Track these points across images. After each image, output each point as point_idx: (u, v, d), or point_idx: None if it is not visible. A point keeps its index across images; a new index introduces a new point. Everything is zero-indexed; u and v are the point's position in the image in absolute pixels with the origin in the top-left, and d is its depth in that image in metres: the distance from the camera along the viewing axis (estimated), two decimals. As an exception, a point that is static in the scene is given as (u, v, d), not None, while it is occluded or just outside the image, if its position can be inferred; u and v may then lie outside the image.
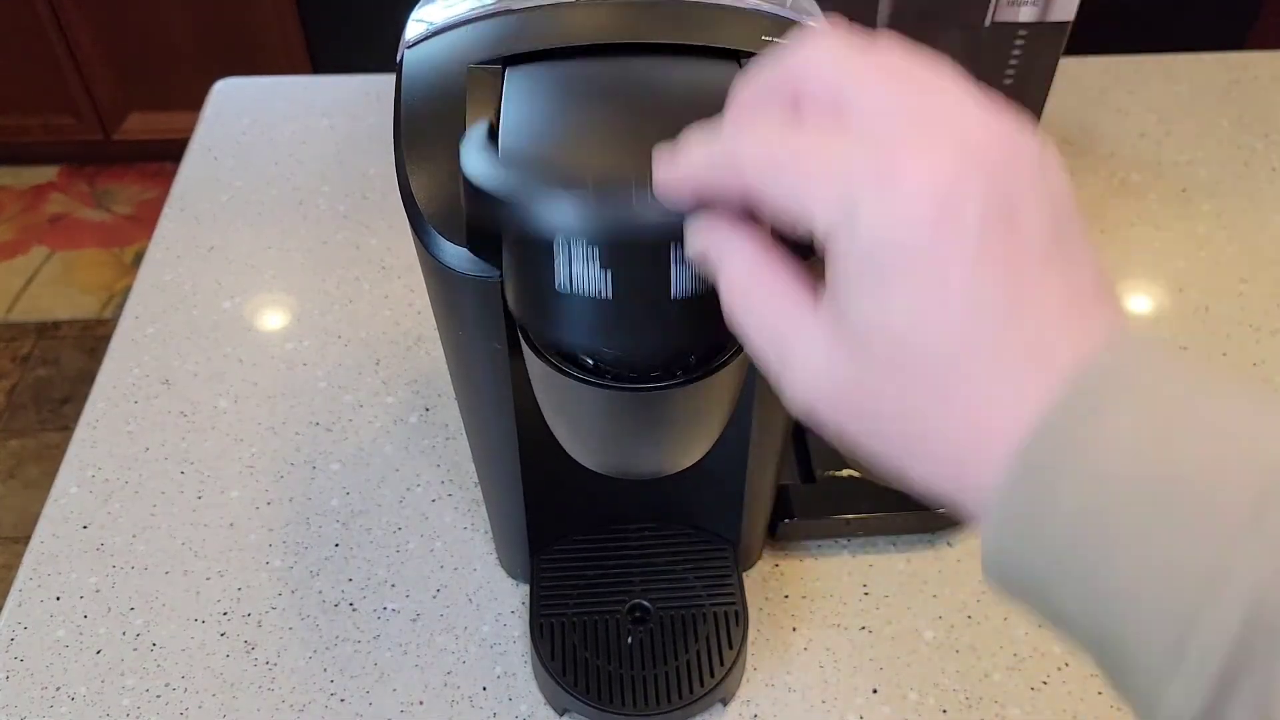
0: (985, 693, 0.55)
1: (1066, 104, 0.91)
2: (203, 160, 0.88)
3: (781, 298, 0.27)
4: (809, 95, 0.27)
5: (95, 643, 0.57)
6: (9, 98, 2.00)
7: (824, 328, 0.26)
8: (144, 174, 2.18)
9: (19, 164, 2.18)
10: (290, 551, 0.62)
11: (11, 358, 1.84)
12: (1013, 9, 0.66)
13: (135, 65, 1.95)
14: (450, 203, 0.38)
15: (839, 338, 0.26)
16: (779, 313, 0.27)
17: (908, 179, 0.24)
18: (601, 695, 0.52)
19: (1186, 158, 0.88)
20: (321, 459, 0.66)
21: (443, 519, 0.63)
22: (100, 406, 0.69)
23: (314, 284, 0.78)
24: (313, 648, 0.57)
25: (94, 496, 0.64)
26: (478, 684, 0.56)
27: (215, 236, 0.81)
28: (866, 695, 0.55)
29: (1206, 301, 0.75)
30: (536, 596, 0.56)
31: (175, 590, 0.60)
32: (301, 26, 1.87)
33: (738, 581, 0.57)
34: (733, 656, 0.54)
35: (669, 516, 0.59)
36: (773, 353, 0.28)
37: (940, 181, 0.24)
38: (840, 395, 0.26)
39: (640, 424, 0.41)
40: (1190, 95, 0.94)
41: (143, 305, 0.76)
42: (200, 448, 0.67)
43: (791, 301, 0.27)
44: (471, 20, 0.43)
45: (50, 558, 0.61)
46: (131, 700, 0.55)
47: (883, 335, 0.25)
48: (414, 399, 0.70)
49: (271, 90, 0.96)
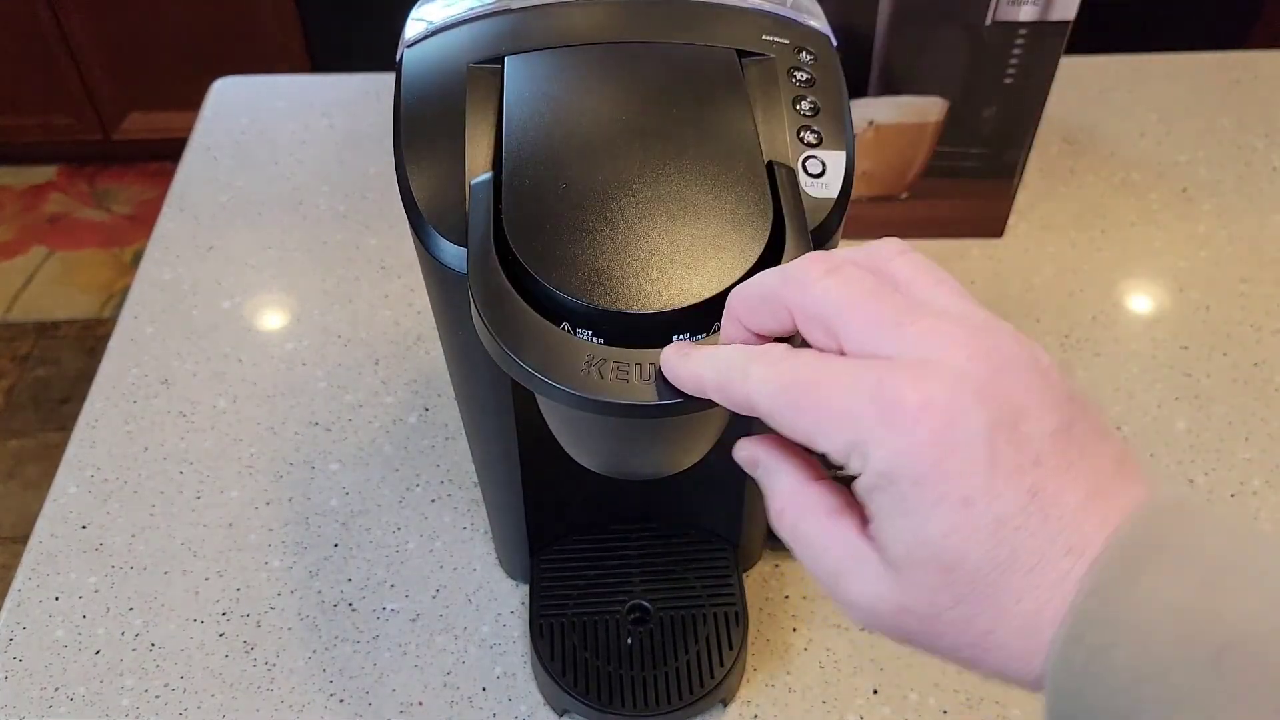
0: (986, 693, 0.55)
1: (1067, 103, 0.91)
2: (202, 160, 0.88)
3: (829, 531, 0.29)
4: (803, 314, 0.29)
5: (94, 643, 0.57)
6: (8, 97, 2.00)
7: (873, 555, 0.28)
8: (143, 173, 2.18)
9: (18, 164, 2.18)
10: (289, 552, 0.62)
11: (11, 358, 1.84)
12: (1013, 8, 0.66)
13: (134, 65, 1.95)
14: (450, 203, 0.38)
15: (886, 563, 0.27)
16: (828, 546, 0.29)
17: (904, 413, 0.25)
18: (601, 696, 0.52)
19: (1187, 157, 0.88)
20: (321, 459, 0.66)
21: (442, 519, 0.63)
22: (99, 406, 0.69)
23: (313, 284, 0.77)
24: (312, 648, 0.57)
25: (93, 496, 0.64)
26: (477, 684, 0.56)
27: (214, 236, 0.81)
28: (867, 696, 0.55)
29: (1207, 301, 0.75)
30: (536, 597, 0.56)
31: (174, 590, 0.60)
32: (301, 25, 1.87)
33: (738, 582, 0.57)
34: (733, 657, 0.54)
35: (669, 516, 0.59)
36: (826, 579, 0.29)
37: (936, 409, 0.25)
38: (898, 615, 0.27)
39: (641, 432, 0.41)
40: (1191, 95, 0.94)
41: (142, 305, 0.76)
42: (199, 448, 0.67)
43: (839, 535, 0.29)
44: (471, 19, 0.43)
45: (49, 558, 0.61)
46: (130, 700, 0.55)
47: (924, 559, 0.26)
48: (413, 399, 0.70)
49: (271, 89, 0.96)
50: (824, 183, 0.39)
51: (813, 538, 0.29)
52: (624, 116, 0.38)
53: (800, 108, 0.40)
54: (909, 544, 0.26)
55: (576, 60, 0.40)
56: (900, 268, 0.29)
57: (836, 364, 0.27)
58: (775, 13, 0.43)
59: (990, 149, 0.74)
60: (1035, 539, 0.25)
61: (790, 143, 0.39)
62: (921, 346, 0.26)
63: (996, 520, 0.25)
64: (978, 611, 0.26)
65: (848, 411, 0.26)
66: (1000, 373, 0.26)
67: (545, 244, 0.35)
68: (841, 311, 0.28)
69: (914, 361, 0.26)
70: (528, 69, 0.40)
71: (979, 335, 0.27)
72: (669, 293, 0.34)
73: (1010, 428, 0.25)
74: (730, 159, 0.37)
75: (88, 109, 2.01)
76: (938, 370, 0.26)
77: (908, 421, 0.25)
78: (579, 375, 0.33)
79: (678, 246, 0.35)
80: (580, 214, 0.35)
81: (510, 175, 0.37)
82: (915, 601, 0.27)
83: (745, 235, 0.35)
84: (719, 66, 0.40)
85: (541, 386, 0.33)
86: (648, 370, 0.33)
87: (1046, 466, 0.25)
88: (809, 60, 0.42)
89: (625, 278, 0.34)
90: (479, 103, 0.39)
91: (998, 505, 0.25)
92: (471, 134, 0.39)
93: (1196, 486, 0.64)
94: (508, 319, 0.34)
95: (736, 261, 0.35)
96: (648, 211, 0.36)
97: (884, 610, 0.28)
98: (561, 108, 0.39)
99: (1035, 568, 0.25)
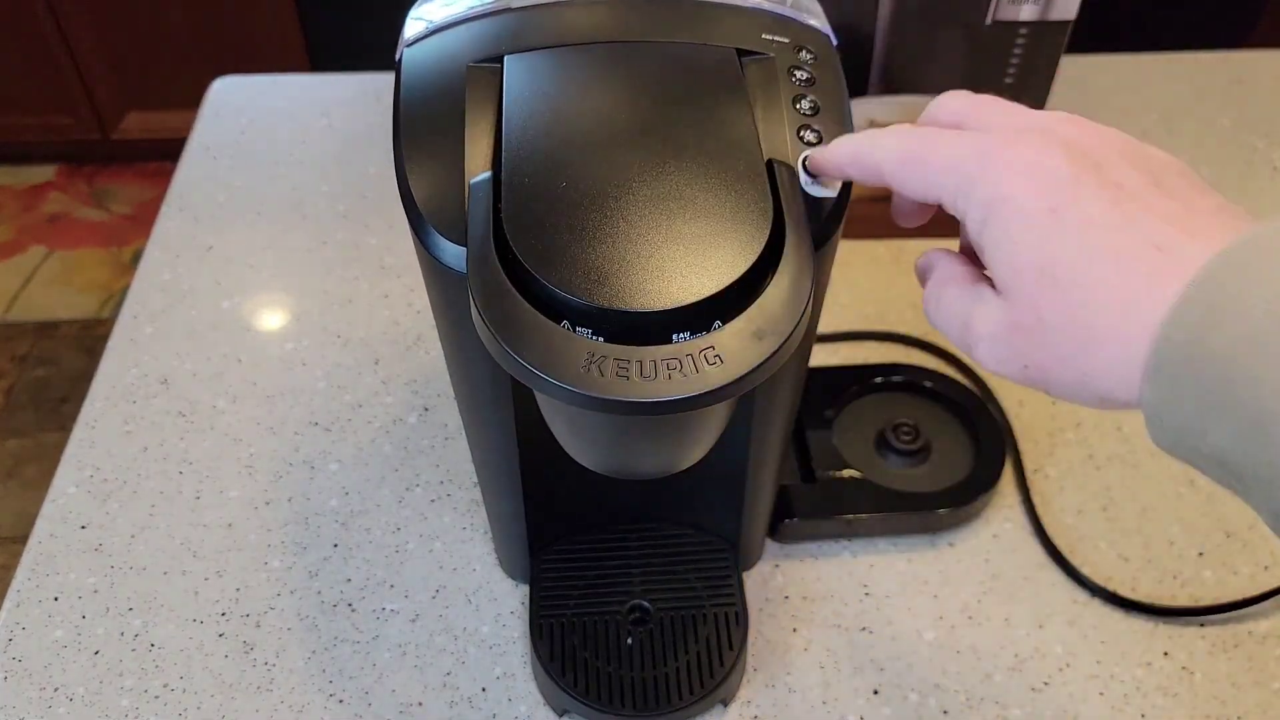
0: (986, 693, 0.55)
1: (1067, 103, 0.91)
2: (201, 159, 0.88)
3: (963, 289, 0.34)
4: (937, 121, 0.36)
5: (94, 643, 0.57)
6: (7, 97, 2.00)
7: (990, 291, 0.32)
8: (142, 173, 2.18)
9: (17, 163, 2.18)
10: (289, 552, 0.62)
11: (10, 357, 1.84)
12: (1014, 7, 0.66)
13: (133, 64, 1.95)
14: (450, 202, 0.38)
15: (999, 295, 0.32)
16: (958, 296, 0.34)
17: (999, 157, 0.31)
18: (601, 696, 0.52)
19: (1188, 157, 0.87)
20: (320, 459, 0.66)
21: (442, 519, 0.63)
22: (98, 406, 0.69)
23: (313, 283, 0.77)
24: (311, 648, 0.57)
25: (92, 497, 0.64)
26: (477, 685, 0.56)
27: (214, 236, 0.81)
28: (867, 696, 0.55)
29: (1207, 301, 0.75)
30: (536, 597, 0.56)
31: (174, 591, 0.60)
32: (300, 25, 1.87)
33: (738, 582, 0.57)
34: (733, 657, 0.53)
35: (669, 516, 0.59)
36: (960, 330, 0.34)
37: (1027, 152, 0.31)
38: (1012, 335, 0.31)
39: (641, 431, 0.41)
40: (1192, 94, 0.94)
41: (141, 305, 0.76)
42: (199, 448, 0.67)
43: (971, 291, 0.33)
44: (470, 19, 0.42)
45: (48, 558, 0.61)
46: (130, 701, 0.55)
47: (1022, 268, 0.30)
48: (413, 399, 0.70)
49: (270, 89, 0.95)
50: (824, 182, 0.39)
51: (951, 297, 0.34)
52: (624, 115, 0.38)
53: (800, 107, 0.40)
54: (1010, 261, 0.30)
55: (576, 59, 0.40)
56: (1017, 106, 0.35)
57: (949, 133, 0.33)
58: (775, 11, 0.43)
59: (990, 149, 0.74)
60: (1122, 235, 0.28)
61: (790, 141, 0.39)
62: (1026, 124, 0.32)
63: (1082, 222, 0.29)
64: (1077, 310, 0.29)
65: (956, 163, 0.32)
66: (1086, 134, 0.31)
67: (545, 242, 0.35)
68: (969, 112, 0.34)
69: (1013, 128, 0.32)
70: (527, 68, 0.40)
71: (1071, 118, 0.32)
72: (669, 291, 0.34)
73: (1095, 168, 0.30)
74: (730, 157, 0.37)
75: (87, 108, 2.01)
76: (1029, 131, 0.32)
77: (1001, 163, 0.31)
78: (579, 373, 0.33)
79: (678, 245, 0.35)
80: (580, 212, 0.35)
81: (510, 174, 0.37)
82: (1022, 314, 0.30)
83: (745, 233, 0.35)
84: (719, 65, 0.40)
85: (541, 384, 0.33)
86: (648, 367, 0.33)
87: (1129, 190, 0.29)
88: (809, 59, 0.42)
89: (625, 276, 0.34)
90: (479, 102, 0.39)
91: (1082, 209, 0.29)
92: (471, 133, 0.39)
93: (1196, 487, 0.64)
94: (507, 317, 0.34)
95: (736, 260, 0.35)
96: (647, 210, 0.36)
97: (1000, 333, 0.31)
98: (561, 107, 0.39)
99: (1124, 259, 0.28)
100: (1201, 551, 0.61)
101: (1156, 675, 0.56)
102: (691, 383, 0.33)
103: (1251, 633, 0.57)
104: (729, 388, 0.33)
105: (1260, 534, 0.62)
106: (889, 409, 0.66)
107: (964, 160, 0.32)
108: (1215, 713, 0.54)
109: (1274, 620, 0.58)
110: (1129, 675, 0.56)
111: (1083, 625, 0.58)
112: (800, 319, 0.34)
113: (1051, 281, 0.29)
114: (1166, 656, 0.56)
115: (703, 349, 0.33)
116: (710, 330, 0.34)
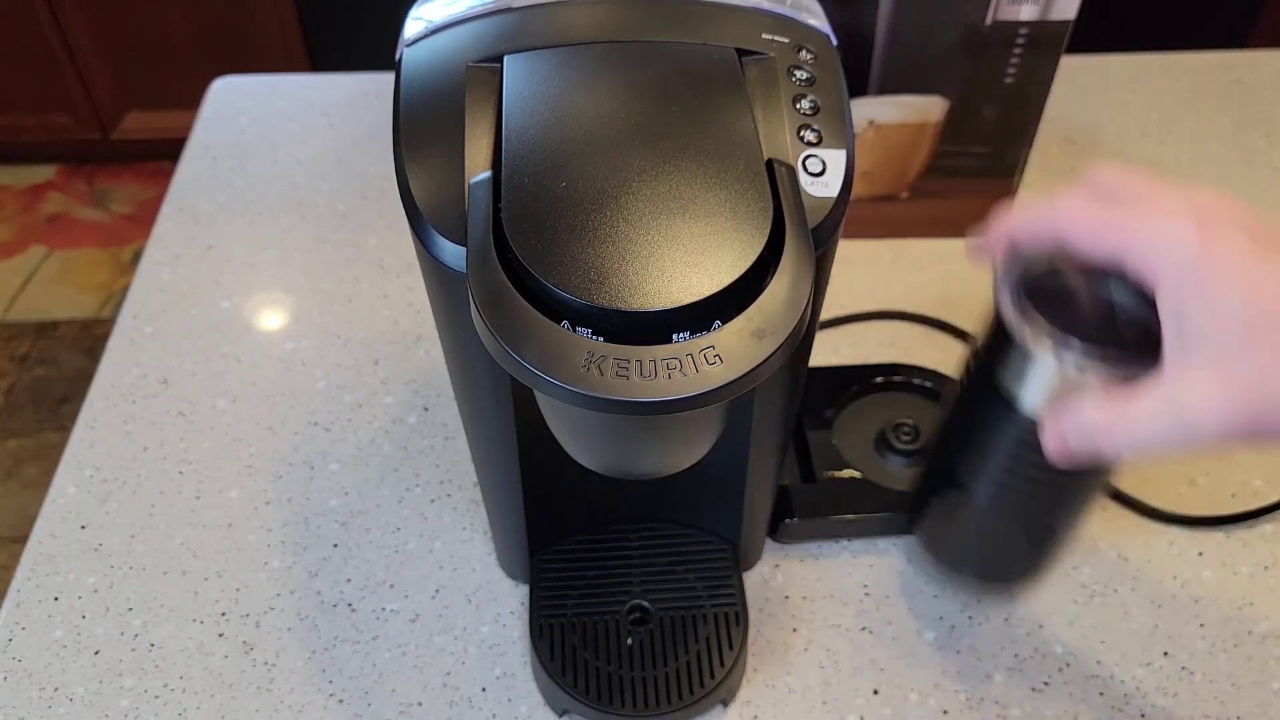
0: (987, 694, 0.55)
1: (1068, 102, 0.91)
2: (201, 159, 0.88)
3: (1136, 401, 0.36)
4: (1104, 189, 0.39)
5: (93, 643, 0.57)
6: (7, 96, 2.00)
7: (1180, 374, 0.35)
8: (142, 173, 2.18)
9: (17, 163, 2.18)
10: (289, 552, 0.62)
11: (10, 357, 1.84)
12: (1014, 7, 0.66)
13: (133, 64, 1.95)
14: (450, 202, 0.37)
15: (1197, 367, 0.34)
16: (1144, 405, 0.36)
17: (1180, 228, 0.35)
18: (601, 696, 0.52)
19: (1188, 156, 0.88)
20: (320, 459, 0.66)
21: (442, 519, 0.63)
22: (98, 406, 0.69)
23: (313, 283, 0.77)
24: (311, 648, 0.57)
25: (92, 497, 0.64)
26: (477, 685, 0.56)
27: (214, 236, 0.81)
28: (867, 696, 0.55)
29: (1207, 301, 0.75)
30: (536, 597, 0.56)
31: (174, 591, 0.60)
32: (300, 25, 1.87)
33: (738, 582, 0.57)
34: (733, 657, 0.53)
35: (669, 517, 0.59)
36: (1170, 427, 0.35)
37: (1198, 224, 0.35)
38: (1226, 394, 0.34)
39: (641, 430, 0.41)
40: (1192, 94, 0.94)
41: (141, 305, 0.76)
42: (199, 448, 0.67)
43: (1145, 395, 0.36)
44: (470, 18, 0.42)
45: (48, 558, 0.61)
46: (130, 701, 0.55)
47: (1227, 325, 0.34)
48: (413, 399, 0.70)
49: (270, 89, 0.95)
50: (824, 181, 0.39)
51: (1137, 414, 0.36)
52: (623, 115, 0.38)
53: (800, 106, 0.40)
54: (1215, 317, 0.34)
55: (576, 59, 0.40)
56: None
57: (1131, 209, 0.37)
58: (775, 11, 0.43)
59: (991, 148, 0.74)
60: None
61: (790, 141, 0.39)
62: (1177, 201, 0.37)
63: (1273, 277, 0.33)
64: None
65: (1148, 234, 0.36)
66: (1232, 210, 0.36)
67: (545, 242, 0.35)
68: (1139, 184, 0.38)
69: (1176, 204, 0.36)
70: (527, 68, 0.40)
71: (1210, 197, 0.37)
72: (668, 290, 0.34)
73: (1249, 231, 0.35)
74: (730, 157, 0.37)
75: (87, 108, 2.01)
76: (1189, 206, 0.36)
77: (1182, 231, 0.35)
78: (579, 372, 0.33)
79: (677, 244, 0.35)
80: (580, 212, 0.35)
81: (510, 174, 0.36)
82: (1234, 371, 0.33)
83: (745, 233, 0.35)
84: (719, 65, 0.40)
85: (541, 384, 0.33)
86: (647, 367, 0.33)
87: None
88: (809, 59, 0.42)
89: (625, 275, 0.34)
90: (478, 102, 0.39)
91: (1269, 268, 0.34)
92: (471, 133, 0.39)
93: (1197, 487, 0.64)
94: (507, 317, 0.34)
95: (736, 260, 0.35)
96: (647, 210, 0.35)
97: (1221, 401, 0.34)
98: (561, 106, 0.38)
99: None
100: (1201, 552, 0.61)
101: (1156, 675, 0.56)
102: (691, 382, 0.33)
103: (1251, 633, 0.57)
104: (729, 387, 0.33)
105: (1260, 534, 0.62)
106: (889, 409, 0.66)
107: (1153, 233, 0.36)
108: (1215, 713, 0.54)
109: (1274, 620, 0.58)
110: (1129, 675, 0.56)
111: (1083, 625, 0.58)
112: (800, 319, 0.34)
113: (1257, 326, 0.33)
114: (1166, 656, 0.56)
115: (702, 349, 0.33)
116: (710, 330, 0.34)
